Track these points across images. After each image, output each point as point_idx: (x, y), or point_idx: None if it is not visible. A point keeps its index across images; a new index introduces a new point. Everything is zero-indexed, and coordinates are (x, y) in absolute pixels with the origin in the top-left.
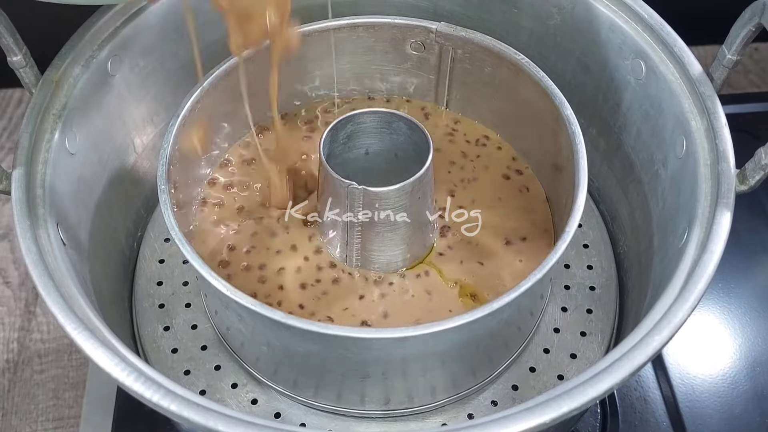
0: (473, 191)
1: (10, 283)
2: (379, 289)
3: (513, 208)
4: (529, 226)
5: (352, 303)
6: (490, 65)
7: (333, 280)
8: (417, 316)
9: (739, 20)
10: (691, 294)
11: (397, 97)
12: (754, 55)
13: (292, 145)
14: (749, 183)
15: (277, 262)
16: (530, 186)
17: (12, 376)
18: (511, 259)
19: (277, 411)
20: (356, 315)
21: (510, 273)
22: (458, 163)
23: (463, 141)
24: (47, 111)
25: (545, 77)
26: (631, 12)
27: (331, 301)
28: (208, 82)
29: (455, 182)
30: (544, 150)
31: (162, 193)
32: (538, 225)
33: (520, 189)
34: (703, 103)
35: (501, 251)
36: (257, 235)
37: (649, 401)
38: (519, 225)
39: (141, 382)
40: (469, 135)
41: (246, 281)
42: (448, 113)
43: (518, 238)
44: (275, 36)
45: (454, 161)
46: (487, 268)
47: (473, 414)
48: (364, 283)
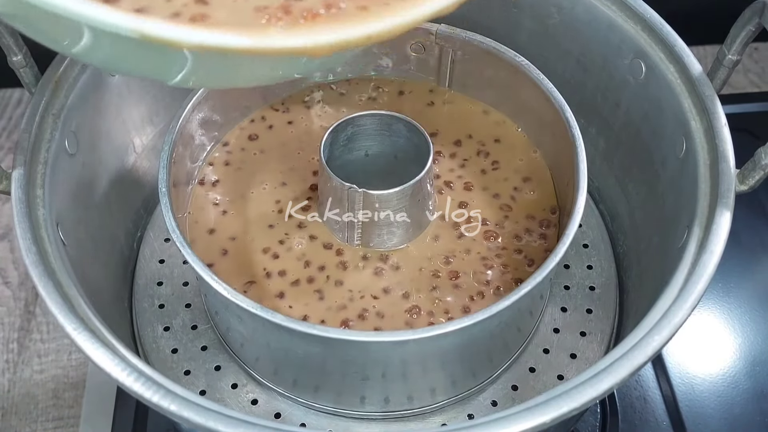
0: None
1: (10, 283)
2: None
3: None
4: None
5: (355, 281)
6: (489, 67)
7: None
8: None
9: (739, 20)
10: (691, 294)
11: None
12: (754, 55)
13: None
14: (749, 183)
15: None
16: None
17: (12, 376)
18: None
19: (277, 411)
20: (361, 291)
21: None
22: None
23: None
24: (47, 111)
25: (545, 79)
26: (631, 12)
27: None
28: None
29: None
30: (544, 149)
31: (162, 196)
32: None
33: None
34: (703, 103)
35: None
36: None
37: (649, 401)
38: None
39: (141, 382)
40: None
41: (244, 265)
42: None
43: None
44: None
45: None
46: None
47: (473, 414)
48: (365, 261)
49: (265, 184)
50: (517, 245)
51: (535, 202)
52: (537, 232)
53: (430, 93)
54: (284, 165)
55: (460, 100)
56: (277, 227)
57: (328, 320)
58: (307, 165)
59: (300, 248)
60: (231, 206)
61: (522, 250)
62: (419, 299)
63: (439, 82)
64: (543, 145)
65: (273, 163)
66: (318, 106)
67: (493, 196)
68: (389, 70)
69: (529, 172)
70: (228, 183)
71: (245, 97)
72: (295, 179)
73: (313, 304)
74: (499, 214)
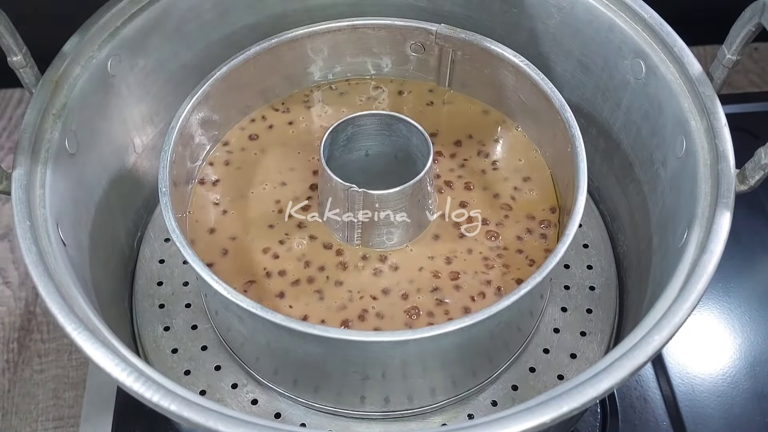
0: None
1: (10, 283)
2: (377, 265)
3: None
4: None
5: (355, 282)
6: (489, 67)
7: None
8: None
9: (739, 20)
10: (690, 294)
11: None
12: (754, 55)
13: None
14: (749, 183)
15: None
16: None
17: (12, 376)
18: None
19: (278, 411)
20: (360, 291)
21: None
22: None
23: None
24: (47, 111)
25: (545, 79)
26: (631, 12)
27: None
28: (209, 84)
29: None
30: (544, 149)
31: (163, 196)
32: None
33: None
34: (703, 103)
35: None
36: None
37: (649, 401)
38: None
39: (141, 382)
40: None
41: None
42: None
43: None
44: None
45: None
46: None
47: (473, 414)
48: (365, 261)
49: (265, 183)
50: (517, 245)
51: (536, 201)
52: (537, 231)
53: (430, 93)
54: (284, 165)
55: (460, 100)
56: (277, 227)
57: (328, 320)
58: (307, 165)
59: (300, 248)
60: (231, 206)
61: (523, 250)
62: (419, 300)
63: (439, 82)
64: (543, 145)
65: (273, 163)
66: (318, 106)
67: (494, 196)
68: (389, 70)
69: (529, 172)
70: (228, 183)
71: (246, 96)
72: (295, 179)
73: (313, 304)
74: (499, 214)
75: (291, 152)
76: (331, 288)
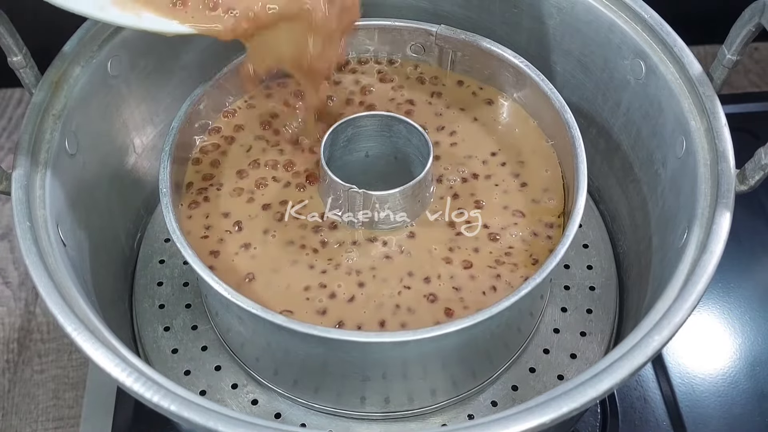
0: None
1: (10, 283)
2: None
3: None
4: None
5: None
6: (489, 68)
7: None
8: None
9: (739, 20)
10: (690, 294)
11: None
12: (754, 55)
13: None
14: (749, 183)
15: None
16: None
17: (12, 376)
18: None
19: (278, 411)
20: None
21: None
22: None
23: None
24: (47, 111)
25: (545, 79)
26: (631, 12)
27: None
28: (209, 85)
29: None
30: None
31: (163, 196)
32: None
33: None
34: (703, 103)
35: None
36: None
37: (649, 401)
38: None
39: (141, 383)
40: None
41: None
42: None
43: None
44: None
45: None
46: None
47: (473, 414)
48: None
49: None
50: (518, 245)
51: (535, 202)
52: (540, 232)
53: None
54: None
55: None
56: (280, 230)
57: (325, 322)
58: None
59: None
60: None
61: (527, 249)
62: (416, 300)
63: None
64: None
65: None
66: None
67: (494, 197)
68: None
69: (518, 168)
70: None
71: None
72: (295, 179)
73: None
74: (499, 213)
75: (291, 152)
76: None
